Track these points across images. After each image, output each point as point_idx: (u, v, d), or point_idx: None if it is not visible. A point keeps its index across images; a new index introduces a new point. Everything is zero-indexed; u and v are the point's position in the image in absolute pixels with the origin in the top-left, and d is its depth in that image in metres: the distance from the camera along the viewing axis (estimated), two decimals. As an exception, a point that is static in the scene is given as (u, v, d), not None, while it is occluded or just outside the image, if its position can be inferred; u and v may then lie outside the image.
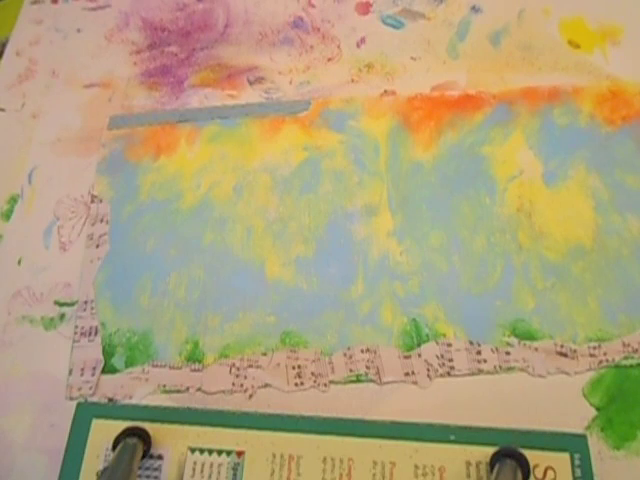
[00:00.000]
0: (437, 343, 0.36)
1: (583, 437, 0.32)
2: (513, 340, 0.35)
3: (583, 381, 0.34)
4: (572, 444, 0.31)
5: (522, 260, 0.37)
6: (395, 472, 0.32)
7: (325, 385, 0.36)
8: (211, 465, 0.33)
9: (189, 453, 0.33)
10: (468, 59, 0.45)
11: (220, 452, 0.33)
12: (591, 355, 0.34)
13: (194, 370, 0.37)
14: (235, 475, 0.33)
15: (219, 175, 0.43)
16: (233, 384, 0.36)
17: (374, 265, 0.38)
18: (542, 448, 0.31)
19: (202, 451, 0.33)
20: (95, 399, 0.37)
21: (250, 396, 0.36)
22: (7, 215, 0.45)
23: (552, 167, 0.40)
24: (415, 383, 0.35)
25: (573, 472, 0.31)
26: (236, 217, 0.41)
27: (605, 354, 0.34)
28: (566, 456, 0.31)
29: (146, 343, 0.38)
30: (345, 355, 0.36)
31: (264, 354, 0.37)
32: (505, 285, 0.37)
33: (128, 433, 0.33)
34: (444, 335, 0.36)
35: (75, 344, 0.39)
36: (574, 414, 0.33)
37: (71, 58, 0.51)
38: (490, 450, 0.31)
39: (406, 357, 0.36)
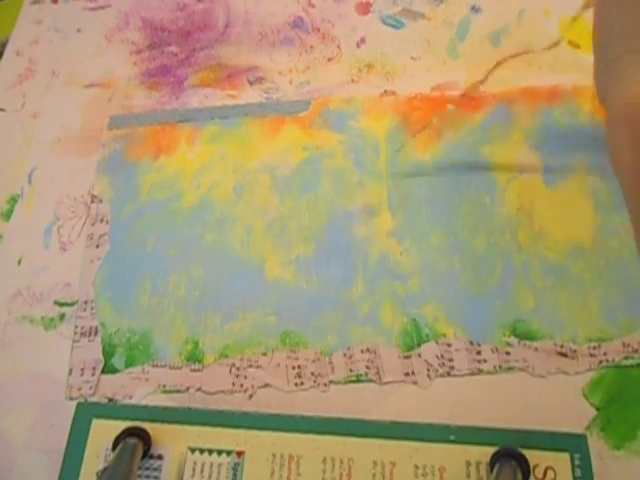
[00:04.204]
0: (437, 343, 0.36)
1: (583, 437, 0.32)
2: (513, 340, 0.35)
3: (583, 381, 0.34)
4: (572, 444, 0.31)
5: (522, 260, 0.37)
6: (395, 472, 0.32)
7: (325, 385, 0.36)
8: (211, 465, 0.33)
9: (189, 453, 0.33)
10: (468, 59, 0.45)
11: (220, 452, 0.33)
12: (591, 355, 0.34)
13: (194, 370, 0.37)
14: (235, 475, 0.33)
15: (219, 175, 0.43)
16: (233, 384, 0.36)
17: (374, 265, 0.38)
18: (542, 448, 0.31)
19: (202, 451, 0.33)
20: (95, 399, 0.37)
21: (250, 396, 0.36)
22: (7, 215, 0.45)
23: (552, 167, 0.40)
24: (415, 383, 0.35)
25: (573, 472, 0.31)
26: (236, 217, 0.41)
27: (605, 354, 0.34)
28: (566, 456, 0.31)
29: (146, 343, 0.38)
30: (345, 355, 0.36)
31: (264, 354, 0.37)
32: (505, 285, 0.37)
33: (128, 433, 0.33)
34: (444, 335, 0.36)
35: (75, 344, 0.39)
36: (574, 414, 0.33)
37: (71, 58, 0.51)
38: (490, 450, 0.31)
39: (406, 357, 0.36)
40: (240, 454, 0.33)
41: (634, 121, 0.22)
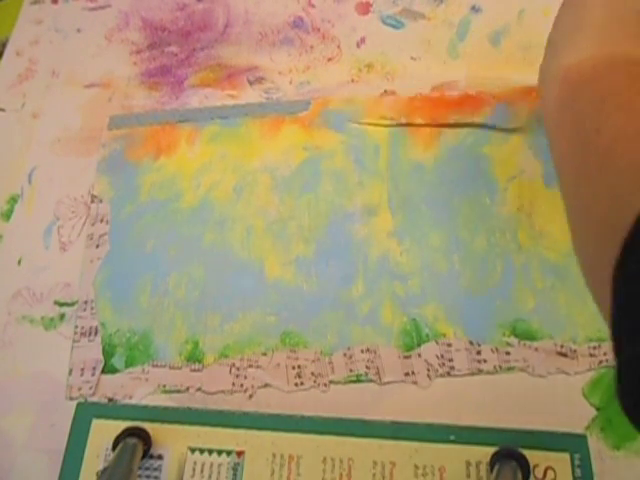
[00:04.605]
0: (437, 343, 0.36)
1: (583, 437, 0.32)
2: (513, 340, 0.35)
3: (583, 381, 0.34)
4: (572, 444, 0.31)
5: (522, 260, 0.37)
6: (395, 472, 0.32)
7: (325, 385, 0.36)
8: (211, 465, 0.33)
9: (189, 453, 0.33)
10: (468, 59, 0.45)
11: (220, 452, 0.33)
12: (591, 355, 0.34)
13: (194, 370, 0.37)
14: (235, 475, 0.33)
15: (219, 175, 0.43)
16: (233, 384, 0.36)
17: (374, 265, 0.38)
18: (542, 448, 0.31)
19: (202, 451, 0.33)
20: (95, 399, 0.37)
21: (250, 396, 0.36)
22: (7, 215, 0.45)
23: (552, 167, 0.39)
24: (415, 383, 0.35)
25: (573, 472, 0.31)
26: (236, 217, 0.41)
27: (605, 354, 0.34)
28: (566, 456, 0.31)
29: (146, 343, 0.38)
30: (345, 355, 0.36)
31: (264, 354, 0.37)
32: (505, 285, 0.37)
33: (128, 433, 0.33)
34: (444, 335, 0.36)
35: (75, 344, 0.39)
36: (574, 414, 0.33)
37: (71, 58, 0.51)
38: (490, 450, 0.31)
39: (406, 357, 0.36)
40: (240, 454, 0.33)
41: (567, 82, 0.26)
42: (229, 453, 0.33)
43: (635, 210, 0.18)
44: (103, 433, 0.34)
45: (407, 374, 0.35)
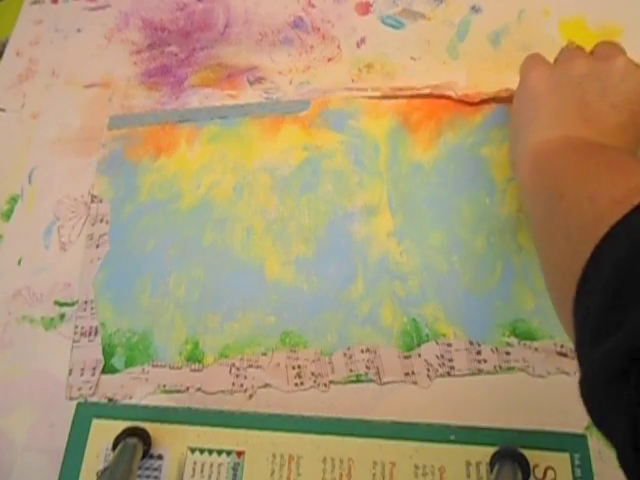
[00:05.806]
0: (437, 343, 0.36)
1: (583, 437, 0.32)
2: (513, 340, 0.35)
3: (583, 381, 0.34)
4: (572, 444, 0.31)
5: (522, 260, 0.37)
6: (395, 472, 0.32)
7: (325, 385, 0.36)
8: (211, 465, 0.33)
9: (189, 453, 0.33)
10: (468, 59, 0.45)
11: (220, 452, 0.33)
12: (591, 355, 0.34)
13: (194, 370, 0.37)
14: (235, 475, 0.33)
15: (219, 175, 0.43)
16: (233, 384, 0.36)
17: (374, 265, 0.38)
18: (542, 448, 0.31)
19: (202, 451, 0.33)
20: (95, 399, 0.37)
21: (250, 396, 0.36)
22: (7, 215, 0.45)
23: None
24: (415, 383, 0.35)
25: (573, 472, 0.31)
26: (236, 217, 0.41)
27: (605, 354, 0.34)
28: (566, 456, 0.31)
29: (146, 343, 0.38)
30: (345, 355, 0.36)
31: (264, 354, 0.37)
32: (505, 285, 0.37)
33: (128, 433, 0.33)
34: (444, 335, 0.36)
35: (75, 344, 0.39)
36: (574, 414, 0.33)
37: (71, 58, 0.51)
38: (490, 450, 0.31)
39: (406, 357, 0.36)
40: (240, 454, 0.33)
41: (534, 160, 0.32)
42: (229, 453, 0.33)
43: (585, 257, 0.23)
44: (103, 433, 0.34)
45: (407, 374, 0.35)
